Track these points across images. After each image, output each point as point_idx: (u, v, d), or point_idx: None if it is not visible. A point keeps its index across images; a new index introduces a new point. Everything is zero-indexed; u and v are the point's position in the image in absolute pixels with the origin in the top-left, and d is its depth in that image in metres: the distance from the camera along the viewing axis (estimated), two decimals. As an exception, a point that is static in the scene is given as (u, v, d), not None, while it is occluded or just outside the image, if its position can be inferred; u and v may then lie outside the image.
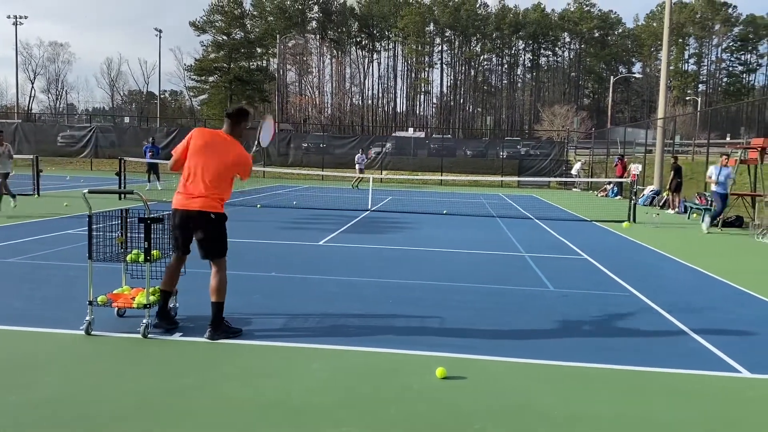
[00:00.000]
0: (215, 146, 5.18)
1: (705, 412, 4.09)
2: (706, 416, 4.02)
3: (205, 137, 5.23)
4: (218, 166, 5.13)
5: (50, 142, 38.84)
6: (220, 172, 5.15)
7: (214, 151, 5.15)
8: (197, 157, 5.14)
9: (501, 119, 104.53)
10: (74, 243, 9.55)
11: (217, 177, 5.14)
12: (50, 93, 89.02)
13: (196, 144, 5.19)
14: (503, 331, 5.77)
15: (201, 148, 5.16)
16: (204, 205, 5.09)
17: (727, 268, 9.76)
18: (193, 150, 5.18)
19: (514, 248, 11.02)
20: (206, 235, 5.14)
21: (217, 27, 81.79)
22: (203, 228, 5.12)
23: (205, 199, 5.10)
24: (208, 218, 5.12)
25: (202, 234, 5.14)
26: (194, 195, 5.11)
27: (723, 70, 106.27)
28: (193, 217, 5.11)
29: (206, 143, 5.18)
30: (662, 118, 26.04)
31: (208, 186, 5.10)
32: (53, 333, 5.20)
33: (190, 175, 5.15)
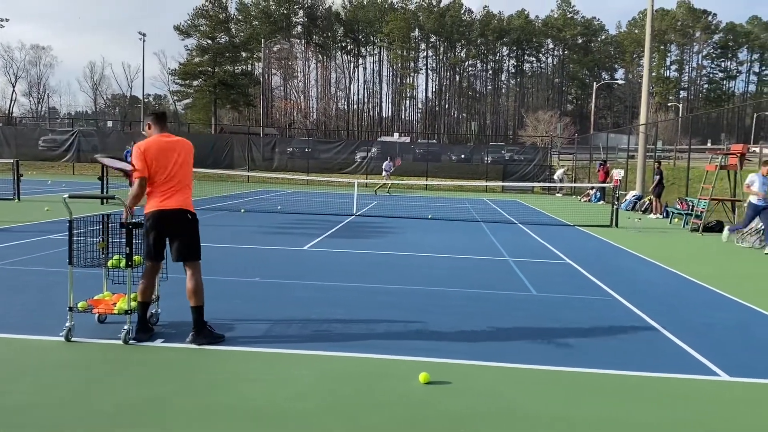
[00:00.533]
0: (172, 149, 5.18)
1: (684, 414, 4.13)
2: (685, 419, 4.06)
3: (160, 143, 5.16)
4: (185, 163, 5.22)
5: (31, 146, 38.38)
6: (187, 168, 5.26)
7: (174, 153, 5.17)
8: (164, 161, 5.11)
9: (486, 124, 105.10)
10: (55, 248, 9.45)
11: (186, 174, 5.25)
12: (32, 96, 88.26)
13: (158, 150, 5.13)
14: (487, 336, 5.79)
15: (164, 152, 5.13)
16: (182, 204, 5.15)
17: (707, 272, 9.88)
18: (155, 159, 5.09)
19: (498, 253, 11.07)
20: (183, 234, 5.16)
21: (202, 31, 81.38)
22: (181, 226, 5.14)
23: (180, 198, 5.15)
24: (186, 217, 5.16)
25: (180, 233, 5.14)
26: (170, 196, 5.11)
27: (704, 76, 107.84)
28: (169, 216, 5.10)
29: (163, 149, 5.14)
30: (644, 124, 26.35)
31: (181, 186, 5.17)
32: (32, 339, 5.14)
33: (165, 181, 5.11)
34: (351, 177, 32.36)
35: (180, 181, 5.16)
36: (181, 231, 5.16)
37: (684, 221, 17.65)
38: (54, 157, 38.26)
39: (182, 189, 5.17)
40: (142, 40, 64.08)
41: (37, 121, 74.35)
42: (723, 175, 17.08)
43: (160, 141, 5.17)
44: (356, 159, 38.42)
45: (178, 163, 5.16)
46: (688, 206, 17.71)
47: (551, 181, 34.79)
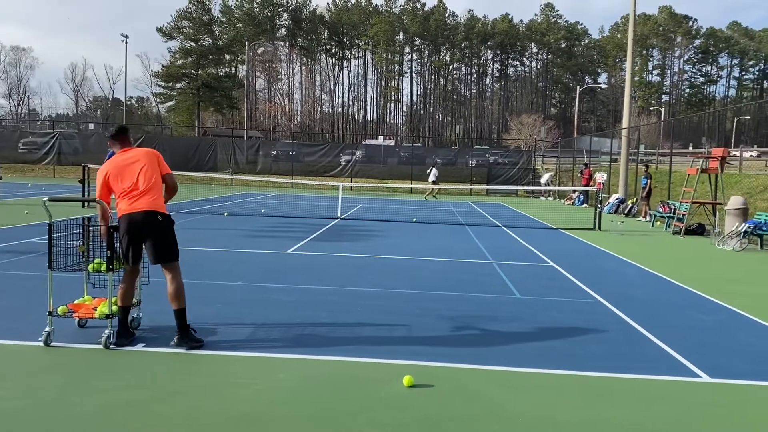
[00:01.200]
0: (129, 159, 5.21)
1: (666, 416, 4.15)
2: (667, 420, 4.08)
3: (117, 161, 5.22)
4: (145, 169, 5.19)
5: (11, 148, 37.88)
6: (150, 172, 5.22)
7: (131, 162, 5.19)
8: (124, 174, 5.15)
9: (470, 128, 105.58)
10: (35, 252, 9.32)
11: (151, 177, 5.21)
12: (11, 98, 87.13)
13: (114, 170, 5.16)
14: (470, 338, 5.79)
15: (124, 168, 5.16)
16: (150, 206, 5.11)
17: (689, 274, 9.98)
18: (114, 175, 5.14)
19: (482, 256, 11.10)
20: (156, 235, 5.11)
21: (185, 33, 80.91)
22: (152, 228, 5.09)
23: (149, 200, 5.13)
24: (155, 218, 5.11)
25: (152, 234, 5.10)
26: (137, 199, 5.10)
27: (685, 81, 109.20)
28: (139, 219, 5.06)
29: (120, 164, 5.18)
30: (627, 128, 26.60)
31: (148, 188, 5.15)
32: (10, 345, 5.05)
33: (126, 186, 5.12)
34: (335, 180, 32.32)
35: (146, 184, 5.14)
36: (153, 233, 5.11)
37: (666, 224, 17.83)
38: (34, 160, 37.80)
39: (149, 191, 5.14)
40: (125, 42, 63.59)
41: (17, 123, 73.39)
42: (704, 179, 17.30)
43: (117, 160, 5.23)
44: (341, 162, 38.38)
45: (142, 171, 5.18)
46: (670, 209, 17.89)
47: (538, 185, 34.99)
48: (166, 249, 5.15)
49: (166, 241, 5.16)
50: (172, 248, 5.20)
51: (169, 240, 5.19)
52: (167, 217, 5.21)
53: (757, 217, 14.76)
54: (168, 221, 5.21)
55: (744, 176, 23.10)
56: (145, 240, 5.13)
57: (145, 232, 5.09)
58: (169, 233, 5.21)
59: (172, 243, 5.21)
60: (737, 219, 14.54)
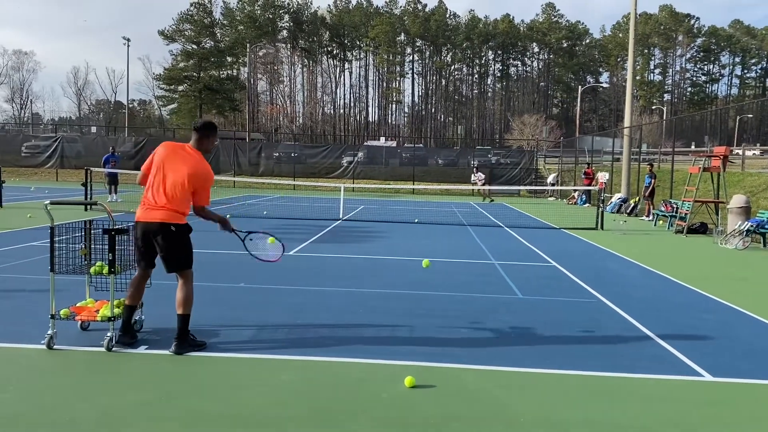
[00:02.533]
0: (178, 158, 5.10)
1: (668, 415, 4.15)
2: (669, 420, 4.07)
3: (168, 149, 5.17)
4: (179, 178, 5.03)
5: (14, 152, 38.01)
6: (183, 184, 5.03)
7: (176, 163, 5.07)
8: (160, 168, 5.08)
9: (472, 128, 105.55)
10: (38, 255, 9.34)
11: (180, 189, 5.02)
12: (14, 102, 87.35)
13: (160, 156, 5.12)
14: (472, 339, 5.79)
15: (164, 160, 5.09)
16: (165, 217, 4.99)
17: (692, 273, 9.97)
18: (157, 162, 5.12)
19: (484, 256, 11.10)
20: (168, 247, 5.03)
21: (187, 36, 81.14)
22: (164, 239, 5.01)
23: (166, 211, 5.00)
24: (169, 230, 5.00)
25: (164, 246, 5.03)
26: (155, 207, 5.02)
27: (687, 80, 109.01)
28: (153, 229, 5.01)
29: (169, 155, 5.11)
30: (629, 127, 26.57)
31: (170, 198, 5.01)
32: (13, 348, 5.07)
33: (151, 187, 5.08)
34: (337, 181, 32.34)
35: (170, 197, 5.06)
36: (166, 244, 5.03)
37: (669, 223, 17.80)
38: (37, 164, 37.91)
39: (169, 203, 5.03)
40: (127, 45, 63.78)
41: (20, 127, 73.58)
42: (706, 177, 17.26)
43: (176, 148, 5.20)
44: (343, 163, 38.41)
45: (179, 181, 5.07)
46: (673, 208, 17.86)
47: (543, 185, 34.96)
48: (178, 259, 5.08)
49: (179, 252, 5.07)
50: (186, 258, 5.12)
51: (183, 250, 5.09)
52: (182, 226, 5.08)
53: (759, 215, 14.73)
54: (183, 230, 5.09)
55: (746, 175, 23.05)
56: (158, 248, 5.08)
57: (157, 241, 5.03)
58: (184, 243, 5.10)
59: (186, 253, 5.12)
60: (740, 217, 14.51)
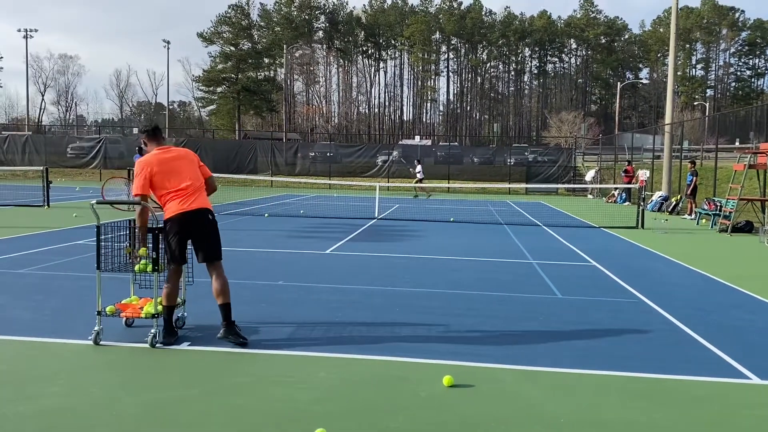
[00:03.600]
0: (169, 159, 5.32)
1: (715, 419, 4.06)
2: (716, 423, 3.99)
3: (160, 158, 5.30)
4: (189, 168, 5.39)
5: (60, 153, 39.17)
6: (195, 171, 5.44)
7: (173, 162, 5.32)
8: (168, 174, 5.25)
9: (508, 126, 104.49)
10: (83, 253, 9.61)
11: (197, 177, 5.42)
12: (60, 105, 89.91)
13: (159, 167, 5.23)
14: (511, 339, 5.75)
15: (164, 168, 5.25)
16: (202, 204, 5.31)
17: (737, 273, 9.70)
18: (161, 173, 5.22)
19: (521, 255, 11.00)
20: (209, 233, 5.32)
21: (225, 38, 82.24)
22: (205, 225, 5.29)
23: (200, 199, 5.33)
24: (207, 217, 5.32)
25: (206, 233, 5.29)
26: (192, 198, 5.27)
27: (731, 74, 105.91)
28: (193, 217, 5.22)
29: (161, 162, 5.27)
30: (670, 124, 25.97)
31: (197, 187, 5.36)
32: (62, 343, 5.24)
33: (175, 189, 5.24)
34: (373, 180, 32.40)
35: (196, 184, 5.34)
36: (206, 231, 5.31)
37: (712, 222, 17.37)
38: (82, 164, 38.96)
39: (199, 190, 5.36)
40: (167, 47, 65.11)
41: (66, 129, 75.69)
42: (752, 175, 16.77)
43: (161, 157, 5.33)
44: (378, 162, 38.47)
45: (189, 170, 5.37)
46: (716, 206, 17.41)
47: (581, 182, 34.45)
48: (216, 246, 5.36)
49: (216, 239, 5.38)
50: (220, 247, 5.42)
51: (218, 239, 5.41)
52: (215, 215, 5.44)
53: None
54: (215, 220, 5.44)
55: (795, 172, 22.29)
56: (195, 238, 5.29)
57: (197, 230, 5.27)
58: (218, 232, 5.43)
59: (220, 242, 5.43)
60: (788, 216, 14.05)
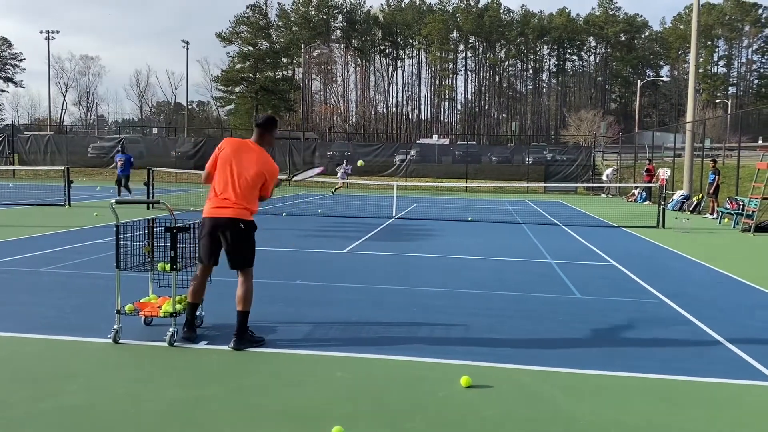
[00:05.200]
0: (245, 155, 5.23)
1: (739, 421, 3.98)
2: (739, 426, 3.91)
3: (233, 146, 5.29)
4: (248, 175, 5.18)
5: (81, 153, 39.63)
6: (250, 180, 5.19)
7: (243, 161, 5.20)
8: (227, 166, 5.20)
9: (526, 125, 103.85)
10: (103, 252, 9.70)
11: (247, 185, 5.18)
12: (81, 105, 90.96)
13: (226, 153, 5.25)
14: (529, 339, 5.70)
15: (230, 158, 5.21)
16: (234, 214, 5.14)
17: (760, 273, 9.54)
18: (222, 160, 5.24)
19: (540, 255, 10.91)
20: (236, 244, 5.16)
21: (243, 38, 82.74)
22: (233, 236, 5.15)
23: (235, 207, 5.15)
24: (238, 227, 5.15)
25: (232, 243, 5.16)
26: (225, 204, 5.16)
27: (754, 72, 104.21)
28: (222, 224, 5.14)
29: (235, 152, 5.23)
30: (691, 122, 25.62)
31: (238, 194, 5.15)
32: (82, 341, 5.28)
33: (220, 184, 5.20)
34: (390, 180, 32.37)
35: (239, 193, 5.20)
36: (234, 240, 5.16)
37: (734, 221, 17.10)
38: (102, 164, 39.40)
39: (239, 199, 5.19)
40: (186, 48, 65.71)
41: (87, 129, 76.61)
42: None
43: (240, 145, 5.34)
44: (395, 162, 38.41)
45: (245, 177, 5.23)
46: (739, 206, 17.14)
47: (599, 181, 34.12)
48: (244, 256, 5.22)
49: (245, 249, 5.21)
50: (251, 255, 5.26)
51: (249, 247, 5.24)
52: (250, 223, 5.24)
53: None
54: (250, 228, 5.24)
55: (820, 170, 21.89)
56: (224, 245, 5.19)
57: (225, 238, 5.16)
58: (249, 241, 5.24)
59: (251, 250, 5.26)
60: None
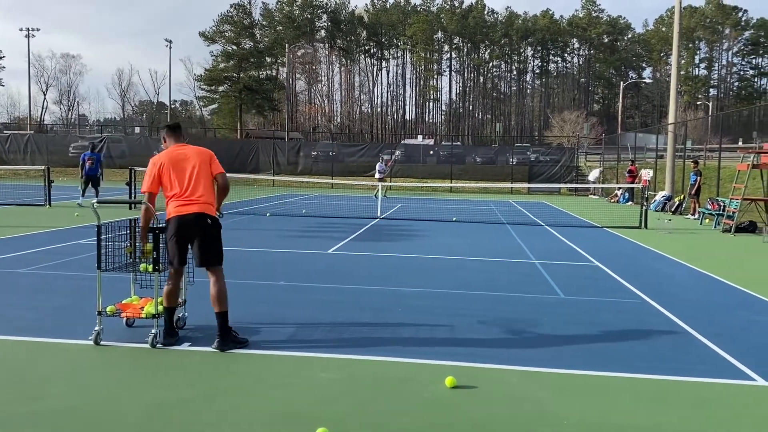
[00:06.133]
0: (181, 158, 5.25)
1: (719, 420, 4.01)
2: (720, 424, 3.94)
3: (168, 157, 5.26)
4: (196, 170, 5.21)
5: (62, 152, 39.12)
6: (201, 173, 5.23)
7: (183, 162, 5.23)
8: (174, 172, 5.20)
9: (510, 126, 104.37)
10: (84, 253, 9.59)
11: (199, 179, 5.22)
12: (62, 104, 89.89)
13: (166, 166, 5.21)
14: (514, 339, 5.71)
15: (172, 166, 5.21)
16: (200, 209, 5.16)
17: (741, 274, 9.65)
18: (166, 171, 5.20)
19: (524, 255, 10.95)
20: (204, 239, 5.16)
21: (227, 37, 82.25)
22: (201, 232, 5.15)
23: (200, 203, 5.17)
24: (206, 222, 5.17)
25: (200, 238, 5.15)
26: (189, 201, 5.16)
27: (734, 74, 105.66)
28: (190, 221, 5.12)
29: (172, 160, 5.22)
30: (673, 123, 25.90)
31: (199, 190, 5.18)
32: (62, 343, 5.21)
33: (176, 188, 5.18)
34: (375, 180, 32.36)
35: (197, 187, 5.19)
36: (202, 236, 5.18)
37: (715, 222, 17.31)
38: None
39: (200, 195, 5.19)
40: (169, 47, 65.21)
41: (68, 128, 75.74)
42: (755, 174, 16.73)
43: (172, 152, 5.29)
44: (380, 162, 38.39)
45: (195, 172, 5.22)
46: (720, 206, 17.35)
47: (585, 182, 34.37)
48: (212, 253, 5.21)
49: (214, 245, 5.22)
50: (220, 251, 5.27)
51: (216, 244, 5.25)
52: (216, 220, 5.28)
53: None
54: (216, 225, 5.28)
55: (798, 171, 22.20)
56: (193, 242, 5.20)
57: (193, 234, 5.16)
58: (217, 237, 5.26)
59: (220, 246, 5.28)
60: (792, 216, 13.99)
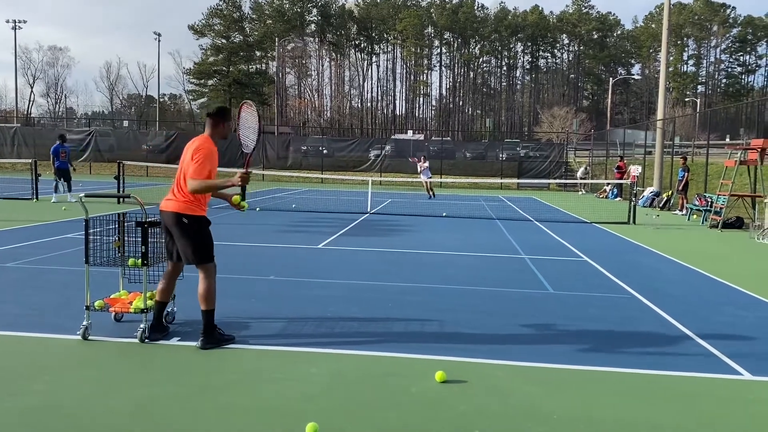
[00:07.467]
0: (187, 149, 5.17)
1: (707, 414, 4.05)
2: (707, 419, 3.98)
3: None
4: (182, 166, 5.09)
5: (49, 146, 38.36)
6: (184, 170, 5.04)
7: (185, 154, 5.14)
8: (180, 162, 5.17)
9: (500, 121, 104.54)
10: (72, 247, 9.52)
11: (182, 177, 5.05)
12: (49, 97, 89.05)
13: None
14: (503, 335, 5.73)
15: (182, 154, 5.17)
16: (176, 208, 4.99)
17: (728, 270, 9.73)
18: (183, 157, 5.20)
19: (513, 250, 10.99)
20: (180, 238, 4.99)
21: (216, 30, 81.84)
22: (177, 231, 4.99)
23: (177, 201, 5.01)
24: (181, 221, 4.97)
25: (177, 237, 5.01)
26: (170, 197, 5.08)
27: (722, 71, 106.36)
28: (166, 219, 5.06)
29: (185, 149, 5.18)
30: (662, 120, 26.04)
31: (179, 188, 5.03)
32: (49, 338, 5.16)
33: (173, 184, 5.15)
34: (365, 175, 32.34)
35: (177, 182, 5.06)
36: (177, 234, 5.01)
37: (703, 218, 17.44)
38: (71, 157, 38.55)
39: (177, 190, 5.02)
40: (158, 40, 64.72)
41: (55, 121, 75.06)
42: (742, 171, 16.83)
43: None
44: (370, 157, 38.41)
45: (181, 165, 5.10)
46: (707, 202, 17.48)
47: (573, 178, 34.52)
48: (192, 251, 4.99)
49: (192, 244, 4.98)
50: (200, 251, 5.00)
51: (196, 242, 4.98)
52: (195, 218, 4.99)
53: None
54: (195, 221, 4.99)
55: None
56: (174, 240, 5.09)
57: (173, 232, 5.05)
58: (197, 235, 4.99)
59: (200, 246, 5.00)
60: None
